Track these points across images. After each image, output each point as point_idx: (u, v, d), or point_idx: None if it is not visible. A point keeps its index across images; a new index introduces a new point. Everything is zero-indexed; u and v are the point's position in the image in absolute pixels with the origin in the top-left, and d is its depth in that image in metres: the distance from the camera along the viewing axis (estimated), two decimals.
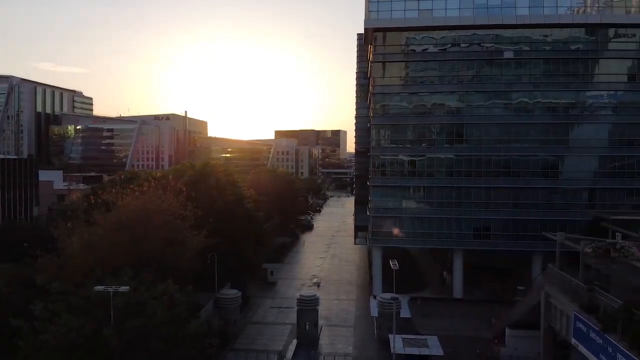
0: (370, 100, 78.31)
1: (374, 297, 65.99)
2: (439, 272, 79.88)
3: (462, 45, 68.68)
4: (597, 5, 66.93)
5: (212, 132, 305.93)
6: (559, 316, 37.95)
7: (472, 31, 68.05)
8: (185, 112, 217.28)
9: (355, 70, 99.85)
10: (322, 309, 60.50)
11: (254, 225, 68.04)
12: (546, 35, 67.49)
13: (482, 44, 68.39)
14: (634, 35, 66.73)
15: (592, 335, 31.96)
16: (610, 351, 29.36)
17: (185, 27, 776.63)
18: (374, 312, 60.54)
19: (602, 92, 67.52)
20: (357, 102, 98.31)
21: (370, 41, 73.11)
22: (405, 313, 61.20)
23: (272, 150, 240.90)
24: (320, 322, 58.49)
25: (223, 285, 59.76)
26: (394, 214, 70.34)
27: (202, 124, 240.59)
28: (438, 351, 47.40)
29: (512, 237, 67.75)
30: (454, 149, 69.13)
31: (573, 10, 66.70)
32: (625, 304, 28.60)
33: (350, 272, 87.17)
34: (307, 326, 55.03)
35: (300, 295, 57.29)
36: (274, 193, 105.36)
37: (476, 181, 68.27)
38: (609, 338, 29.63)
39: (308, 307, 55.20)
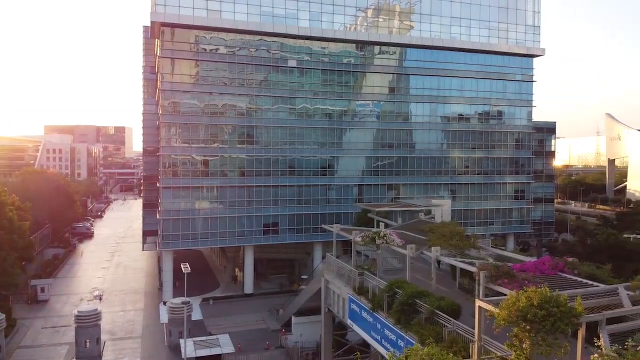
0: (158, 96, 74.84)
1: (164, 303, 63.46)
2: (231, 270, 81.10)
3: (251, 49, 70.84)
4: (366, 24, 76.36)
5: None
6: (337, 300, 42.14)
7: (260, 37, 70.80)
8: None
9: (142, 64, 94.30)
10: (105, 323, 55.96)
11: (17, 237, 58.64)
12: (324, 48, 74.32)
13: (269, 51, 71.68)
14: (395, 52, 78.36)
15: (364, 314, 36.17)
16: (379, 327, 33.38)
17: None
18: (164, 318, 58.30)
19: (369, 102, 77.54)
20: (144, 98, 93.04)
21: (158, 35, 69.88)
22: (197, 315, 60.60)
23: (40, 148, 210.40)
24: (104, 337, 53.80)
25: None
26: (186, 215, 68.66)
27: None
28: (229, 348, 48.19)
29: (297, 230, 73.11)
30: (245, 150, 70.98)
31: (346, 27, 74.89)
32: (389, 285, 32.91)
33: (138, 281, 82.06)
34: (87, 344, 49.75)
35: (78, 311, 51.49)
36: (44, 198, 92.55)
37: (265, 180, 71.40)
38: (377, 316, 33.56)
39: (88, 323, 49.90)
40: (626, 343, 16.58)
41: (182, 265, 45.54)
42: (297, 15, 71.33)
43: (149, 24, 71.14)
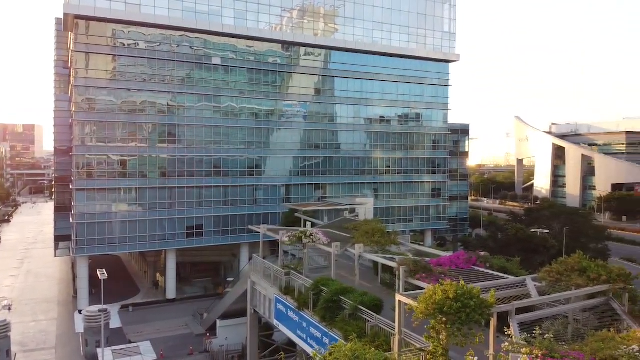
0: (72, 92, 70.41)
1: (80, 312, 60.04)
2: (152, 275, 78.14)
3: (172, 45, 68.58)
4: (291, 25, 76.53)
5: None
6: (263, 301, 41.94)
7: (182, 33, 68.77)
8: None
9: (54, 58, 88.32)
10: (15, 334, 52.21)
11: None
12: (250, 47, 73.60)
13: (192, 47, 69.75)
14: (320, 54, 79.25)
15: (290, 314, 36.28)
16: (305, 326, 33.53)
17: None
18: (80, 328, 55.22)
19: (295, 103, 77.92)
20: (56, 94, 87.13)
21: (72, 28, 65.77)
22: (115, 323, 57.97)
23: None
24: (15, 348, 50.20)
25: None
26: (102, 218, 65.19)
27: None
28: (151, 356, 46.66)
29: (223, 232, 71.82)
30: (166, 149, 68.59)
31: (272, 27, 74.64)
32: (315, 283, 33.21)
33: (50, 289, 76.88)
34: None
35: None
36: None
37: (189, 181, 69.46)
38: (303, 314, 33.69)
39: None
40: (534, 331, 17.77)
41: (98, 272, 43.37)
42: (222, 13, 70.06)
43: (61, 16, 66.78)
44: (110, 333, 51.41)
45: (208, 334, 54.78)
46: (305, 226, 45.43)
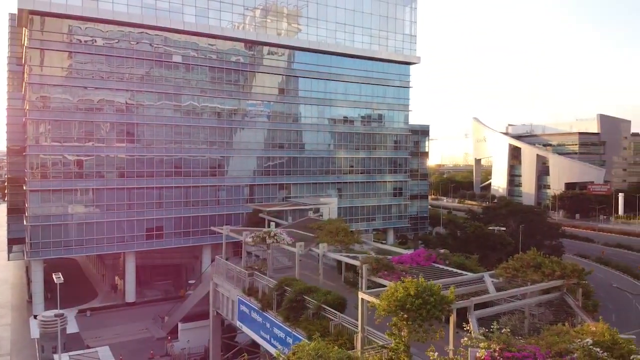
0: (25, 90, 67.72)
1: (35, 317, 57.89)
2: (111, 279, 76.10)
3: (131, 42, 66.95)
4: (254, 24, 75.98)
5: None
6: (226, 303, 41.57)
7: (142, 30, 67.20)
8: None
9: (7, 55, 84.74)
10: None
11: None
12: (212, 45, 72.63)
13: (152, 45, 68.29)
14: (284, 54, 79.00)
15: (254, 315, 36.10)
16: (268, 326, 33.48)
17: None
18: (35, 333, 53.24)
19: (259, 102, 77.38)
20: (9, 92, 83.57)
21: (26, 24, 63.27)
22: (72, 328, 56.13)
23: None
24: None
25: None
26: (57, 221, 62.92)
27: None
28: None
29: (184, 233, 70.57)
30: (125, 149, 66.87)
31: (234, 25, 73.89)
32: (279, 283, 33.18)
33: (3, 293, 73.93)
34: None
35: None
36: None
37: (148, 181, 67.91)
38: (267, 315, 33.66)
39: None
40: (492, 326, 18.28)
41: (54, 275, 41.91)
42: (183, 10, 68.83)
43: (16, 11, 64.11)
44: (67, 338, 49.75)
45: (169, 337, 53.86)
46: (269, 226, 45.32)
